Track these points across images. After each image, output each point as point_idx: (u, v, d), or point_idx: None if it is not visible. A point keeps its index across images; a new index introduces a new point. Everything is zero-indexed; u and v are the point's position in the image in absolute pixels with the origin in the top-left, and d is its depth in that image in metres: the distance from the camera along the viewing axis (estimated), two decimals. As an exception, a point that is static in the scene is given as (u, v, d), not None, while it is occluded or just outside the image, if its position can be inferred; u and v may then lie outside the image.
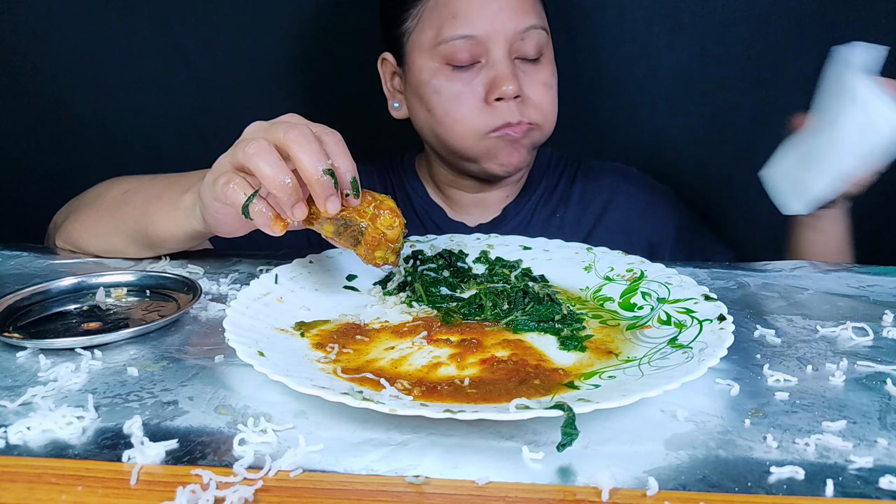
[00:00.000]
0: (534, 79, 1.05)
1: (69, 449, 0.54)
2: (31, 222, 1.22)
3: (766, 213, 1.42)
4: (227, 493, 0.48)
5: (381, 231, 0.73)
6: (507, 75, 1.01)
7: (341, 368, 0.64)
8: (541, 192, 1.18)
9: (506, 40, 1.02)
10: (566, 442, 0.52)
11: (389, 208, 0.74)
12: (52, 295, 0.81)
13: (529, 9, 1.04)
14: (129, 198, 0.95)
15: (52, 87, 1.44)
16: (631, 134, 1.42)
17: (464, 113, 1.04)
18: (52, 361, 0.67)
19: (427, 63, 1.04)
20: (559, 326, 0.73)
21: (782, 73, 1.33)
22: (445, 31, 1.02)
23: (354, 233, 0.74)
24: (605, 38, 1.36)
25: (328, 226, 0.74)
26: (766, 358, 0.68)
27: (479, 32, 1.01)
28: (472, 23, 1.01)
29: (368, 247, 0.74)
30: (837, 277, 0.89)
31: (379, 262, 0.75)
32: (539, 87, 1.06)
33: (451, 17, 1.02)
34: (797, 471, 0.50)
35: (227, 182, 0.72)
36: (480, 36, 1.01)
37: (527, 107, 1.04)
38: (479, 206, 1.17)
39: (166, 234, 0.87)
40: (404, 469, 0.51)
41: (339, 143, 0.72)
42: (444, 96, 1.04)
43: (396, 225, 0.74)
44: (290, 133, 0.69)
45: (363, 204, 0.73)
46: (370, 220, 0.73)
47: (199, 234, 0.86)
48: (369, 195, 0.74)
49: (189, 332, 0.74)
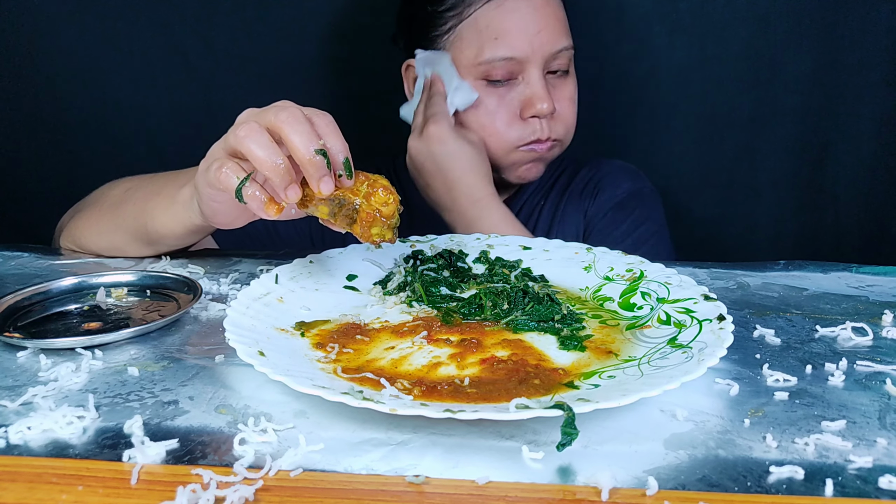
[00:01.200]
0: (562, 93, 1.10)
1: (70, 449, 0.54)
2: (31, 222, 1.23)
3: (766, 213, 1.43)
4: (227, 493, 0.48)
5: (376, 208, 0.73)
6: (544, 95, 1.07)
7: (341, 368, 0.64)
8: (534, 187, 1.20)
9: (542, 59, 1.07)
10: (566, 442, 0.52)
11: (383, 186, 0.73)
12: (52, 295, 0.81)
13: (563, 29, 1.09)
14: (129, 195, 0.95)
15: (52, 87, 1.44)
16: (631, 134, 1.42)
17: (497, 127, 1.08)
18: (52, 361, 0.67)
19: (465, 77, 1.08)
20: (559, 326, 0.73)
21: (782, 73, 1.33)
22: (486, 52, 1.05)
23: (350, 212, 0.73)
24: (605, 38, 1.36)
25: (323, 207, 0.74)
26: (766, 358, 0.68)
27: (519, 54, 1.05)
28: (513, 45, 1.05)
29: (364, 224, 0.73)
30: (837, 277, 0.89)
31: (376, 238, 0.75)
32: (565, 102, 1.11)
33: (493, 38, 1.05)
34: (797, 470, 0.50)
35: (220, 167, 0.72)
36: (520, 57, 1.06)
37: (555, 122, 1.10)
38: None
39: (165, 229, 0.88)
40: (404, 469, 0.51)
41: (331, 124, 0.72)
42: (480, 110, 1.08)
43: (391, 202, 0.73)
44: (280, 115, 0.69)
45: (357, 184, 0.73)
46: (364, 197, 0.73)
47: (199, 227, 0.86)
48: (362, 175, 0.73)
49: (189, 332, 0.74)
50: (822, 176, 1.37)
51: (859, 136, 1.34)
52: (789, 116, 1.36)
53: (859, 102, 1.32)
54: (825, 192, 1.38)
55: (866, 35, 1.29)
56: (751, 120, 1.37)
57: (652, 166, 1.40)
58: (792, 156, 1.37)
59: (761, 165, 1.40)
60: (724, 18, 1.33)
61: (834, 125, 1.34)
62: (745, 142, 1.38)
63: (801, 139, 1.36)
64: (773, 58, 1.33)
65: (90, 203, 1.01)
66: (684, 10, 1.34)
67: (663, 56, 1.35)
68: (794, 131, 1.36)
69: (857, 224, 1.38)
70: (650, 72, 1.37)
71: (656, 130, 1.40)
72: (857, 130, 1.34)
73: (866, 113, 1.33)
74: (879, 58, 1.29)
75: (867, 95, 1.32)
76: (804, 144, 1.36)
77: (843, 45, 1.30)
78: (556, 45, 1.07)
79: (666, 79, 1.37)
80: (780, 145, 1.38)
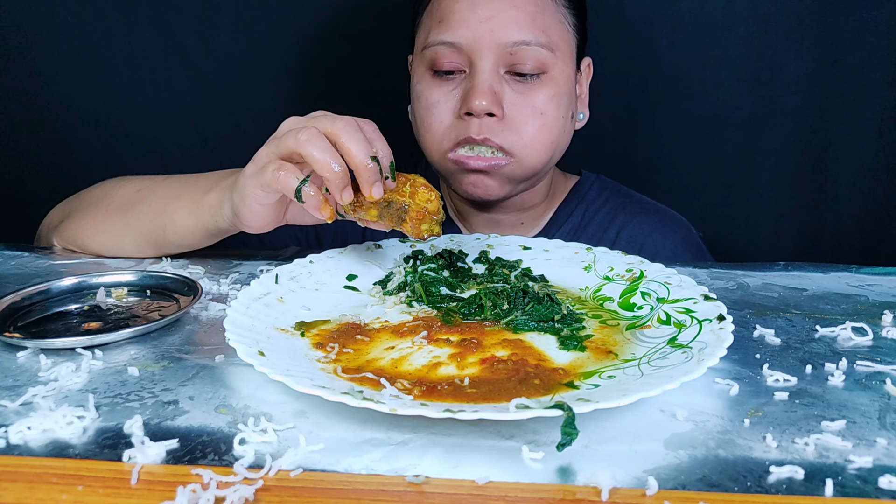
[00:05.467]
0: (524, 100, 0.96)
1: (70, 449, 0.54)
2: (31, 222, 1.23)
3: (766, 213, 1.43)
4: (227, 493, 0.48)
5: (423, 206, 0.78)
6: (482, 90, 0.93)
7: (341, 368, 0.64)
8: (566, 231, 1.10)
9: (490, 52, 0.94)
10: (566, 441, 0.52)
11: (423, 185, 0.79)
12: (52, 295, 0.81)
13: (526, 23, 0.95)
14: (142, 197, 0.95)
15: (52, 87, 1.44)
16: (631, 134, 1.42)
17: (433, 122, 0.98)
18: (52, 361, 0.67)
19: (417, 67, 1.02)
20: (559, 326, 0.73)
21: (782, 73, 1.33)
22: (431, 36, 0.98)
23: (399, 212, 0.78)
24: (605, 38, 1.36)
25: (372, 210, 0.78)
26: (766, 358, 0.68)
27: (461, 41, 0.95)
28: (454, 29, 0.95)
29: (414, 222, 0.78)
30: (837, 277, 0.89)
31: (425, 234, 0.79)
32: (526, 110, 0.96)
33: (438, 21, 0.97)
34: (796, 470, 0.50)
35: (278, 169, 0.75)
36: (462, 44, 0.95)
37: (507, 130, 0.95)
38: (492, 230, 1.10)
39: (186, 231, 0.89)
40: (404, 469, 0.51)
41: (377, 131, 0.76)
42: (422, 103, 1.00)
43: (434, 198, 0.78)
44: (337, 123, 0.74)
45: (399, 185, 0.78)
46: (409, 197, 0.78)
47: (220, 231, 0.88)
48: (402, 176, 0.79)
49: (189, 332, 0.74)
50: (822, 176, 1.37)
51: (859, 136, 1.34)
52: (789, 116, 1.36)
53: (859, 102, 1.32)
54: (825, 192, 1.38)
55: (866, 35, 1.29)
56: (751, 120, 1.37)
57: (652, 166, 1.41)
58: (792, 156, 1.37)
59: (761, 165, 1.39)
60: (724, 18, 1.33)
61: (834, 125, 1.34)
62: (745, 142, 1.38)
63: (801, 139, 1.36)
64: (773, 58, 1.33)
65: (90, 202, 1.00)
66: (684, 10, 1.33)
67: (663, 56, 1.35)
68: (794, 131, 1.36)
69: (857, 224, 1.38)
70: (650, 72, 1.37)
71: (656, 130, 1.40)
72: (857, 130, 1.34)
73: (866, 113, 1.32)
74: (879, 58, 1.29)
75: (867, 95, 1.32)
76: (804, 144, 1.36)
77: (843, 45, 1.30)
78: (508, 37, 0.94)
79: (666, 79, 1.37)
80: (780, 145, 1.38)
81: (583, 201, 1.13)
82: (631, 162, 1.35)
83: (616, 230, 1.10)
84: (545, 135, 0.97)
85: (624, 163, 1.40)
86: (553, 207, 1.13)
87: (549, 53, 0.96)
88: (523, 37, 0.94)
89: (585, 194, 1.13)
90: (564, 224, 1.11)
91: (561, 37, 0.98)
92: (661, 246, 1.08)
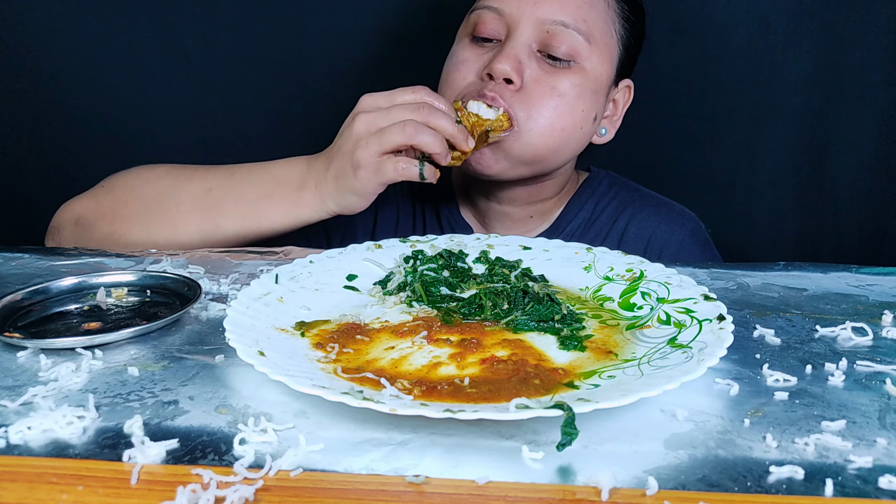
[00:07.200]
0: (546, 79, 0.97)
1: (70, 449, 0.54)
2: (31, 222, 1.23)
3: (766, 213, 1.43)
4: (227, 493, 0.48)
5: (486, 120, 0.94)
6: (508, 55, 0.96)
7: (341, 368, 0.64)
8: (576, 225, 1.12)
9: (528, 25, 0.97)
10: (566, 441, 0.52)
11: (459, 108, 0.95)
12: (52, 295, 0.81)
13: (571, 6, 0.97)
14: (220, 197, 0.98)
15: (52, 87, 1.44)
16: (630, 134, 1.42)
17: (456, 77, 1.01)
18: (52, 361, 0.67)
19: (460, 32, 1.04)
20: (559, 326, 0.73)
21: (782, 73, 1.33)
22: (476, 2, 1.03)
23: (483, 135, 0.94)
24: (604, 38, 1.36)
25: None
26: (766, 358, 0.68)
27: (505, 8, 0.98)
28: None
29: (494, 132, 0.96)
30: (837, 277, 0.89)
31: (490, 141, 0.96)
32: (544, 88, 0.97)
33: None
34: (796, 470, 0.50)
35: (397, 163, 0.89)
36: (505, 11, 0.98)
37: (519, 100, 0.96)
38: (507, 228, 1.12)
39: (283, 227, 0.98)
40: (404, 469, 0.51)
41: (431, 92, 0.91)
42: (452, 60, 1.02)
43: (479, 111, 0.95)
44: (422, 110, 0.88)
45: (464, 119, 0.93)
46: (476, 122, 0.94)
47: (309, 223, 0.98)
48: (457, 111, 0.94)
49: (190, 332, 0.74)
50: (822, 176, 1.37)
51: (859, 136, 1.34)
52: (789, 116, 1.36)
53: (859, 102, 1.32)
54: (825, 192, 1.38)
55: (866, 35, 1.29)
56: (751, 120, 1.37)
57: (652, 166, 1.41)
58: (792, 156, 1.37)
59: (761, 165, 1.39)
60: (724, 18, 1.32)
61: (834, 125, 1.34)
62: (745, 142, 1.38)
63: (801, 139, 1.36)
64: (773, 58, 1.33)
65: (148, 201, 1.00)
66: (684, 10, 1.33)
67: (663, 56, 1.35)
68: (794, 131, 1.36)
69: (857, 224, 1.38)
70: (650, 72, 1.37)
71: (656, 130, 1.40)
72: (857, 130, 1.34)
73: (866, 113, 1.32)
74: (879, 58, 1.29)
75: (867, 95, 1.31)
76: (804, 144, 1.36)
77: (843, 45, 1.30)
78: (550, 14, 0.96)
79: (666, 79, 1.37)
80: (780, 145, 1.37)
81: (593, 196, 1.14)
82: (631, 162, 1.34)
83: (624, 223, 1.11)
84: (556, 117, 0.98)
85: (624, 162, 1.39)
86: (563, 202, 1.14)
87: (585, 43, 0.98)
88: (564, 17, 0.97)
89: (596, 189, 1.15)
90: (575, 218, 1.13)
91: (602, 36, 1.01)
92: (669, 238, 1.10)
